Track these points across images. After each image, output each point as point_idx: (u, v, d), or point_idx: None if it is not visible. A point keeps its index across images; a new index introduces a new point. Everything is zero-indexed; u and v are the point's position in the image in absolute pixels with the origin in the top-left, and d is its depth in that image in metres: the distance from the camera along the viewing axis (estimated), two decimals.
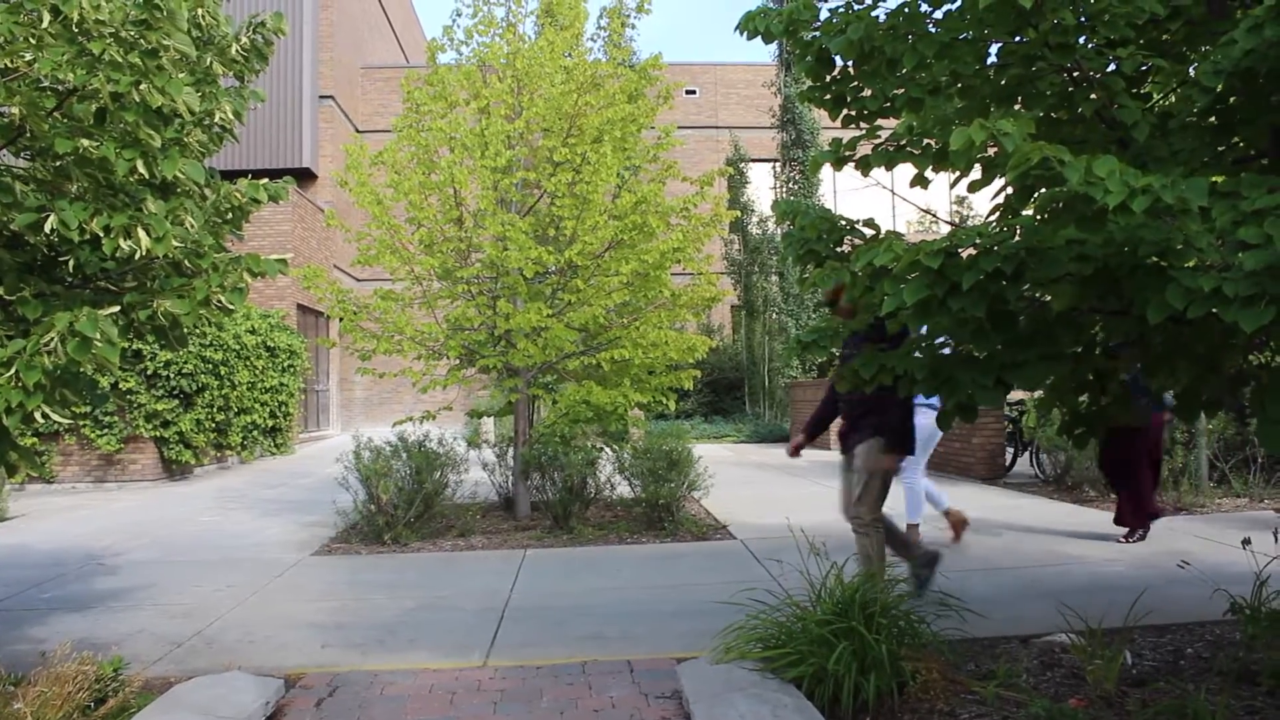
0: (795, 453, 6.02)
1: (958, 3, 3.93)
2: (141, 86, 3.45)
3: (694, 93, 27.46)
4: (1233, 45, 3.05)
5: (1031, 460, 11.77)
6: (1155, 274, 2.93)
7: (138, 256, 3.71)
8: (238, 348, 14.74)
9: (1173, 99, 3.86)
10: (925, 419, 6.77)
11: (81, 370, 3.71)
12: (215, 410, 14.22)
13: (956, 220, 23.08)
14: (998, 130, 2.88)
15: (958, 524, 7.43)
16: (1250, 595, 4.41)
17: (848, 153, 4.14)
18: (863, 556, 5.25)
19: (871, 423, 5.30)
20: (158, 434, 13.44)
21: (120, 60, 3.41)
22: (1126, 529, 7.57)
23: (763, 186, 24.80)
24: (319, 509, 9.99)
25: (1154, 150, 3.52)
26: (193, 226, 3.94)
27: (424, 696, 4.32)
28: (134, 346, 12.50)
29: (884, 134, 4.07)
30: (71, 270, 3.99)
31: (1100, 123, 3.71)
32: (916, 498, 7.32)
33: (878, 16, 3.99)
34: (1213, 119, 3.62)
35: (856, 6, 4.12)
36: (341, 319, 9.10)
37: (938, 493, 7.51)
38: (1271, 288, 2.57)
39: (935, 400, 6.79)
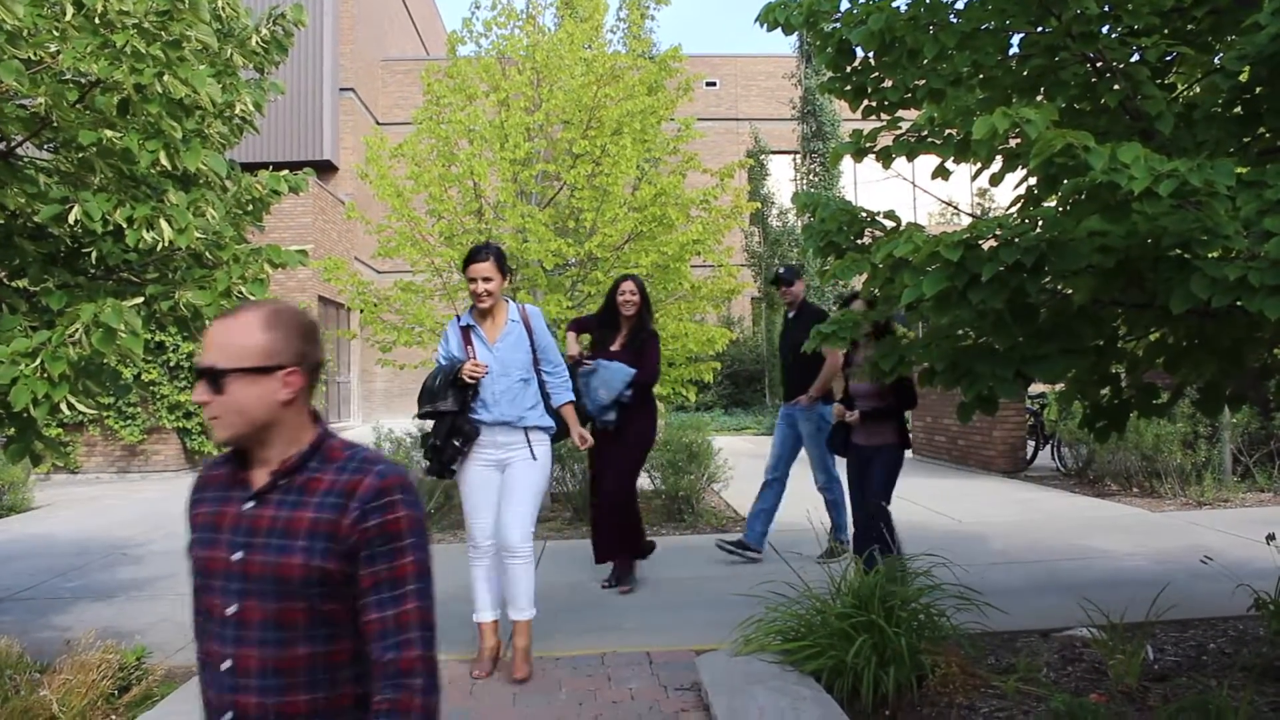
0: None
1: None
2: (164, 78, 3.47)
3: (714, 84, 27.33)
4: (1258, 31, 3.01)
5: (1053, 453, 11.70)
6: (1178, 265, 2.90)
7: (160, 248, 3.75)
8: None
9: (1197, 89, 3.82)
10: None
11: (105, 361, 3.75)
12: None
13: (979, 213, 22.95)
14: (1021, 117, 2.85)
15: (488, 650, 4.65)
16: (1274, 590, 4.37)
17: (868, 144, 4.11)
18: None
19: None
20: (180, 425, 13.56)
21: (143, 51, 3.43)
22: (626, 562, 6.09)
23: (783, 178, 24.65)
24: None
25: (1179, 141, 3.48)
26: (214, 218, 3.97)
27: (443, 687, 4.32)
28: (157, 338, 12.68)
29: (905, 125, 4.05)
30: (94, 261, 4.02)
31: (1124, 114, 3.67)
32: None
33: (898, 7, 3.96)
34: (1238, 109, 3.58)
35: None
36: (362, 311, 9.14)
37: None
38: None
39: None
